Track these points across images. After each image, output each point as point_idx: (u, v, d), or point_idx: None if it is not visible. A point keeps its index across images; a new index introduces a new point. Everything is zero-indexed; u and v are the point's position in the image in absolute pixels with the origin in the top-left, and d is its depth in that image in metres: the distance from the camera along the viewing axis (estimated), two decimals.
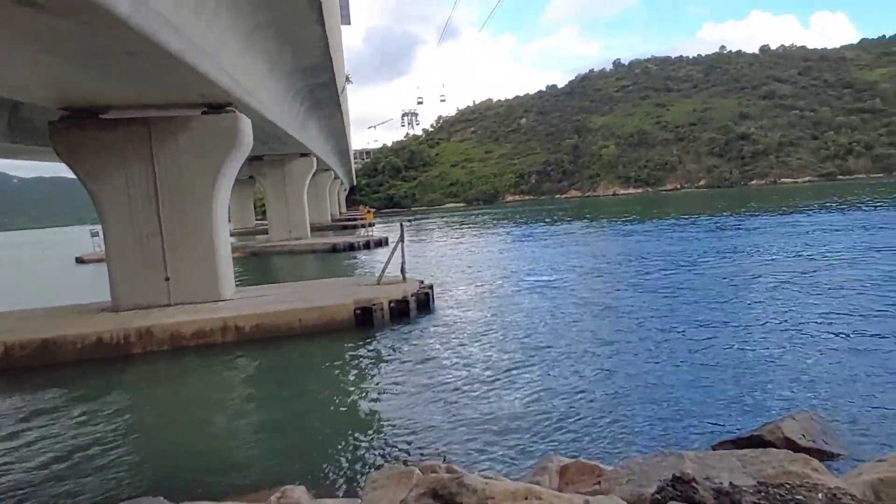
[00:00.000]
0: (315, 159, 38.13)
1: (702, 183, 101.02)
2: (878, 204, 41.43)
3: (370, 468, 6.23)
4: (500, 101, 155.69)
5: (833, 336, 10.43)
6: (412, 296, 14.26)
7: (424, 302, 14.63)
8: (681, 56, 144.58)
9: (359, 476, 6.20)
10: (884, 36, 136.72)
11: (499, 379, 9.17)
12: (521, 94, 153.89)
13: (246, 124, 14.97)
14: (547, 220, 51.57)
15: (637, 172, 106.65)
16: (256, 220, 65.50)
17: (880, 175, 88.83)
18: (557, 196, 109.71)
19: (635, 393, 8.24)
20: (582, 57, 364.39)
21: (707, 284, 16.30)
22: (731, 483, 3.68)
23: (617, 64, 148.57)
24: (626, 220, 43.80)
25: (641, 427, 7.09)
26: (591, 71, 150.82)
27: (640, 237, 31.39)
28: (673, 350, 10.22)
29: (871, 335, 10.23)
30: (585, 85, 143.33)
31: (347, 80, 38.31)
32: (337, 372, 10.62)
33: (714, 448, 5.96)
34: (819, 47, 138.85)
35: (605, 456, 6.19)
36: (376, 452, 6.87)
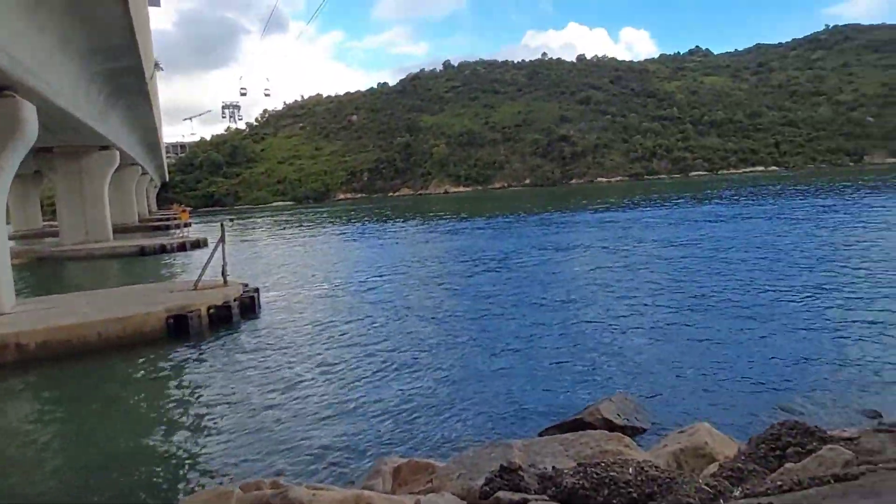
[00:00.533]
0: (118, 153, 35.88)
1: (527, 181, 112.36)
2: (677, 200, 50.21)
3: (184, 493, 5.90)
4: (329, 97, 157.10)
5: (643, 322, 12.23)
6: (235, 300, 13.82)
7: (249, 306, 14.33)
8: (507, 60, 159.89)
9: None
10: (678, 52, 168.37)
11: (329, 384, 9.13)
12: (352, 90, 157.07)
13: (29, 111, 13.69)
14: (380, 218, 53.16)
15: (467, 171, 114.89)
16: (45, 220, 60.83)
17: (678, 175, 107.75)
18: (390, 194, 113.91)
19: (468, 387, 8.74)
20: (412, 56, 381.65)
21: (532, 278, 17.98)
22: (553, 467, 4.01)
23: (447, 65, 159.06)
24: (458, 218, 46.71)
25: (475, 420, 7.53)
26: (422, 71, 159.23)
27: (470, 234, 33.71)
28: (502, 343, 11.05)
29: (674, 321, 12.18)
30: (416, 84, 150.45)
31: (157, 66, 36.71)
32: (143, 390, 9.87)
33: (541, 434, 6.50)
34: (627, 59, 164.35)
35: (440, 452, 6.44)
36: (192, 475, 6.50)
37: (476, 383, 8.88)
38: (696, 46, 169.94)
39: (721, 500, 3.09)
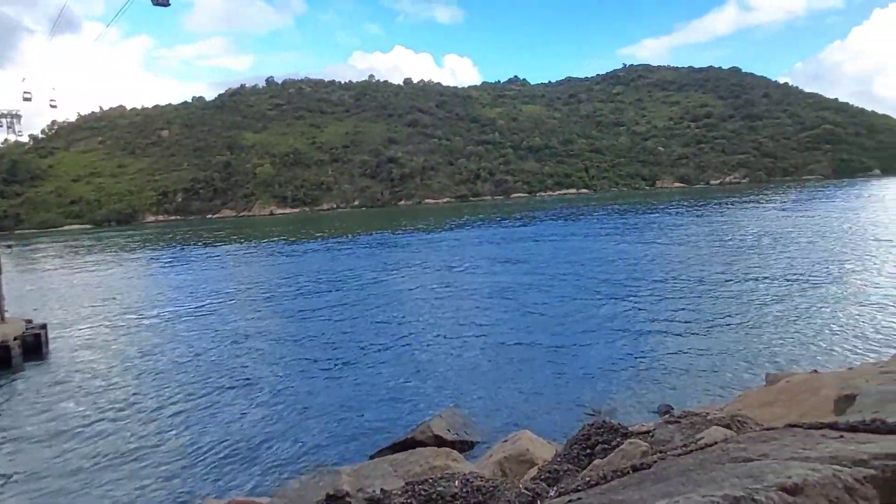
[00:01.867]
0: None
1: (356, 203, 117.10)
2: (500, 220, 55.21)
3: None
4: (135, 109, 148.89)
5: (471, 338, 13.38)
6: (15, 339, 12.69)
7: (34, 346, 13.23)
8: (334, 80, 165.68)
9: None
10: (499, 81, 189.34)
11: (130, 428, 8.65)
12: (162, 103, 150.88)
13: None
14: (198, 241, 50.92)
15: (294, 192, 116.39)
16: None
17: (501, 197, 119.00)
18: (209, 216, 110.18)
19: (294, 415, 8.86)
20: (232, 71, 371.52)
21: (363, 300, 18.55)
22: (382, 489, 4.18)
23: (270, 81, 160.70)
24: (285, 240, 46.46)
25: (302, 449, 7.71)
26: (243, 86, 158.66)
27: (299, 257, 33.83)
28: (331, 366, 11.36)
29: (500, 336, 13.61)
30: (237, 100, 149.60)
31: None
32: None
33: (372, 457, 6.87)
34: (451, 85, 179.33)
35: (265, 487, 6.53)
36: None
37: (303, 410, 9.01)
38: (515, 76, 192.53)
39: (538, 502, 3.32)
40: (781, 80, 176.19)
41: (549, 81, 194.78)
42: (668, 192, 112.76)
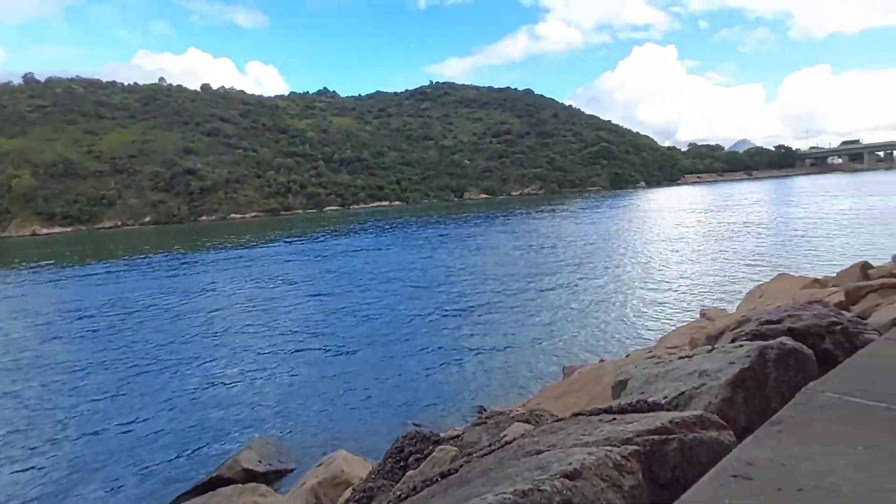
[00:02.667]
0: None
1: (147, 219, 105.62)
2: (314, 235, 54.07)
3: None
4: None
5: (280, 359, 12.88)
6: None
7: None
8: (114, 81, 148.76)
9: None
10: (307, 92, 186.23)
11: None
12: None
13: None
14: None
15: (65, 208, 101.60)
16: None
17: (313, 210, 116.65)
18: None
19: (72, 473, 7.78)
20: None
21: (155, 328, 17.00)
22: None
23: (29, 79, 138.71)
24: (54, 265, 40.47)
25: None
26: None
27: (74, 285, 29.44)
28: (116, 409, 10.09)
29: (310, 353, 13.30)
30: None
31: None
32: None
33: None
34: (256, 93, 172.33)
35: None
36: None
37: (81, 464, 7.91)
38: (325, 88, 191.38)
39: None
40: (567, 103, 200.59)
41: (360, 95, 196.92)
42: (476, 202, 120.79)
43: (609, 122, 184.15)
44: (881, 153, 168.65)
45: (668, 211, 58.37)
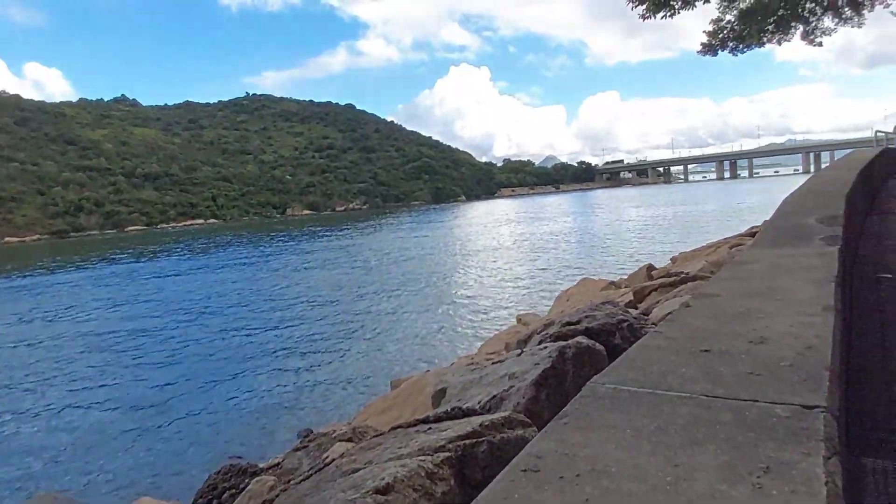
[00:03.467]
0: None
1: None
2: (112, 258, 48.46)
3: None
4: None
5: (74, 398, 11.37)
6: None
7: None
8: None
9: None
10: (102, 98, 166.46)
11: None
12: None
13: None
14: None
15: None
16: None
17: (113, 231, 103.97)
18: None
19: None
20: None
21: None
22: None
23: None
24: None
25: None
26: None
27: None
28: None
29: (113, 392, 11.84)
30: None
31: None
32: None
33: None
34: (36, 99, 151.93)
35: None
36: None
37: None
38: (123, 95, 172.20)
39: None
40: (389, 118, 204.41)
41: (166, 104, 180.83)
42: (300, 219, 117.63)
43: (430, 137, 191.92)
44: (661, 169, 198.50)
45: (488, 223, 62.35)
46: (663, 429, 1.33)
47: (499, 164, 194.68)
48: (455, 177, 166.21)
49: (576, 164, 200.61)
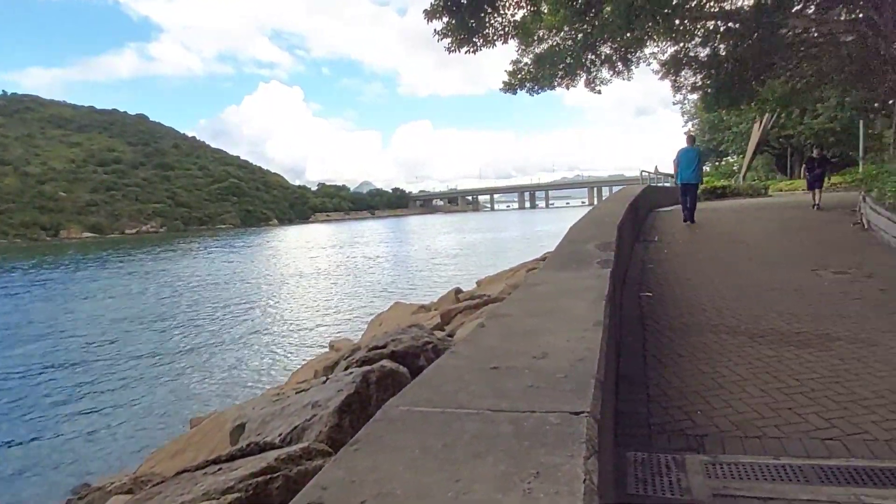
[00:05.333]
0: None
1: None
2: None
3: None
4: None
5: None
6: None
7: None
8: None
9: None
10: None
11: None
12: None
13: None
14: None
15: None
16: None
17: None
18: None
19: None
20: None
21: None
22: None
23: None
24: None
25: None
26: None
27: None
28: None
29: None
30: None
31: None
32: None
33: None
34: None
35: None
36: None
37: None
38: None
39: None
40: (189, 134, 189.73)
41: None
42: (79, 242, 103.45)
43: (238, 157, 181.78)
44: (470, 198, 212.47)
45: (303, 248, 60.76)
46: (450, 446, 1.40)
47: (313, 189, 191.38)
48: (266, 200, 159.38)
49: (391, 191, 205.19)
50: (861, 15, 14.26)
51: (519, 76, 16.91)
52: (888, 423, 3.84)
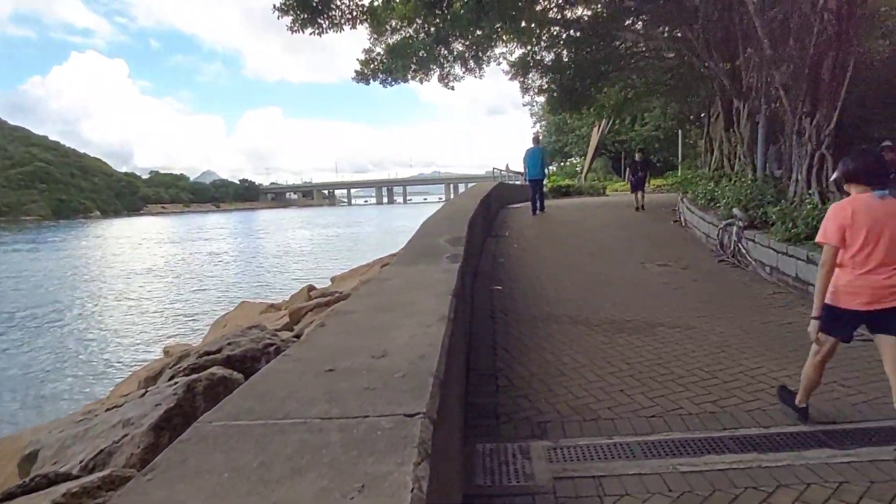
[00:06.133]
0: None
1: None
2: None
3: None
4: None
5: None
6: None
7: None
8: None
9: None
10: None
11: None
12: None
13: None
14: None
15: None
16: None
17: None
18: None
19: None
20: None
21: None
22: None
23: None
24: None
25: None
26: None
27: None
28: None
29: None
30: None
31: None
32: None
33: None
34: None
35: None
36: None
37: None
38: None
39: None
40: None
41: None
42: None
43: (46, 137, 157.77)
44: (326, 192, 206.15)
45: (134, 243, 55.18)
46: (267, 464, 1.26)
47: (144, 177, 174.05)
48: (85, 188, 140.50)
49: (238, 182, 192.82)
50: (679, 34, 15.99)
51: (371, 66, 16.72)
52: (699, 399, 4.31)
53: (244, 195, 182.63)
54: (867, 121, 17.23)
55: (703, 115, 20.97)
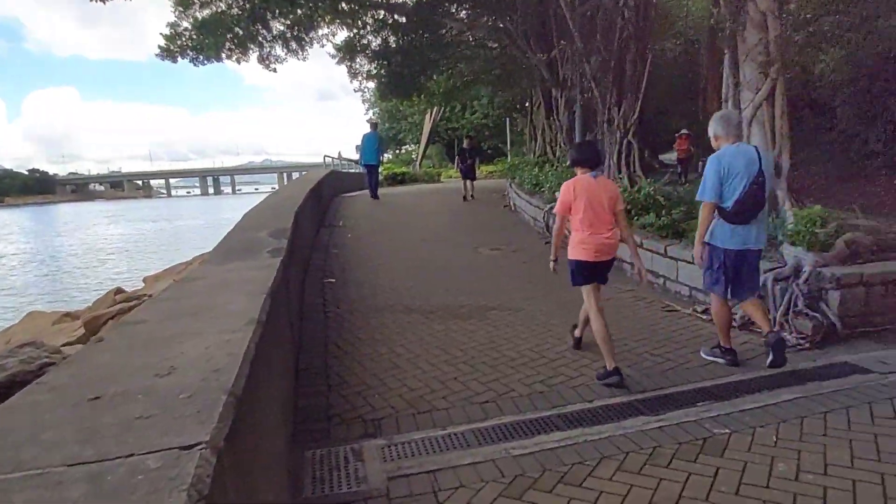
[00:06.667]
0: None
1: None
2: None
3: None
4: None
5: None
6: None
7: None
8: None
9: None
10: None
11: None
12: None
13: None
14: None
15: None
16: None
17: None
18: None
19: None
20: None
21: None
22: None
23: None
24: None
25: None
26: None
27: None
28: None
29: None
30: None
31: None
32: None
33: None
34: None
35: None
36: None
37: None
38: None
39: None
40: None
41: None
42: None
43: None
44: (140, 182, 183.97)
45: None
46: None
47: None
48: None
49: (27, 172, 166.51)
50: (501, 25, 16.69)
51: (178, 42, 15.23)
52: (529, 379, 4.45)
53: (36, 188, 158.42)
54: (666, 112, 19.50)
55: (527, 103, 22.20)
